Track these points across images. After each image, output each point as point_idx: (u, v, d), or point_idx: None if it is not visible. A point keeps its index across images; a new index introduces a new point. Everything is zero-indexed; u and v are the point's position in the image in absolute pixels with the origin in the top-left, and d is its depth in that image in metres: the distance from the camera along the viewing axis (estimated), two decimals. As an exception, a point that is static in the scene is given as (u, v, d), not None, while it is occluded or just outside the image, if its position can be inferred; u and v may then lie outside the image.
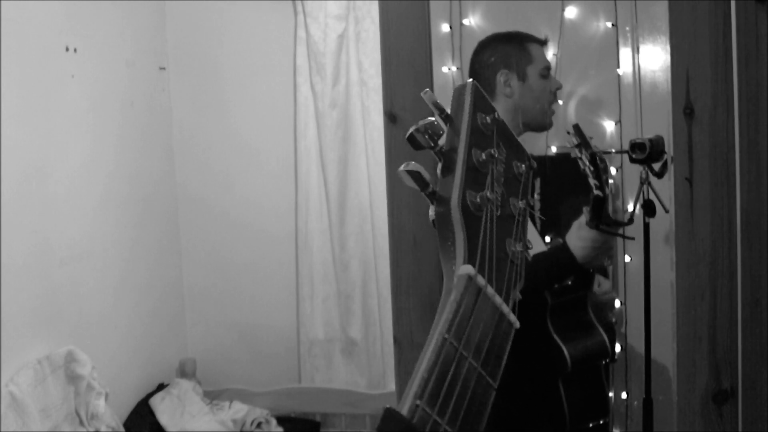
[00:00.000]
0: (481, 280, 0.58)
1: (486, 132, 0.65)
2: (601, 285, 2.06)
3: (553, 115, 1.94)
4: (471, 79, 0.67)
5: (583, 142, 1.63)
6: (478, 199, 0.60)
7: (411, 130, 0.60)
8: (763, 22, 1.70)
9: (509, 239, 0.63)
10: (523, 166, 0.68)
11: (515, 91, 1.86)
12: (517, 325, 0.60)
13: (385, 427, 0.49)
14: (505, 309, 0.60)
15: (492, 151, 0.63)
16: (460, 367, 0.54)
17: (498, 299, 0.59)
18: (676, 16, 1.72)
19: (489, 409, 0.56)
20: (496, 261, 0.61)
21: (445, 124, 0.63)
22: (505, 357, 0.59)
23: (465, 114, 0.63)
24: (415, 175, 0.59)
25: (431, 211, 0.60)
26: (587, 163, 1.62)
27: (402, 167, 0.59)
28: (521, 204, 0.66)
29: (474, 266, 0.58)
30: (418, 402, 0.51)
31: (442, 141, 0.62)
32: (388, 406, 0.50)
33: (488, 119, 0.65)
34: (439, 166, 0.61)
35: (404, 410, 0.51)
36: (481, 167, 0.62)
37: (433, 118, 0.62)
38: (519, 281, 0.63)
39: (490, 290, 0.59)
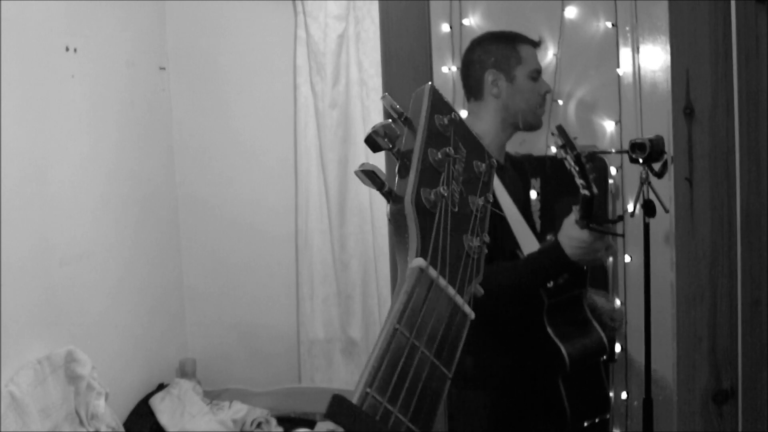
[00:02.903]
0: (432, 272, 0.59)
1: (444, 132, 0.67)
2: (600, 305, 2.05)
3: (542, 115, 1.95)
4: (430, 83, 0.69)
5: (567, 143, 1.64)
6: (432, 196, 0.62)
7: (369, 131, 0.62)
8: (763, 22, 1.70)
9: (466, 234, 0.65)
10: (484, 165, 0.70)
11: (502, 92, 1.86)
12: (472, 315, 0.61)
13: (333, 413, 0.49)
14: (459, 300, 0.61)
15: (448, 150, 0.65)
16: (412, 357, 0.55)
17: (451, 290, 0.60)
18: (676, 16, 1.72)
19: (444, 397, 0.57)
20: (451, 255, 0.62)
21: (404, 125, 0.65)
22: (460, 347, 0.59)
23: (422, 115, 0.66)
24: (369, 175, 0.61)
25: (387, 209, 0.62)
26: (572, 163, 1.63)
27: (358, 167, 0.61)
28: (480, 201, 0.68)
29: (426, 259, 0.59)
30: (368, 390, 0.52)
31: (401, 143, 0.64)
32: (335, 392, 0.51)
33: (446, 120, 0.67)
34: (397, 166, 0.63)
35: (354, 398, 0.52)
36: (437, 166, 0.64)
37: (390, 120, 0.64)
38: (477, 275, 0.65)
39: (442, 282, 0.60)
